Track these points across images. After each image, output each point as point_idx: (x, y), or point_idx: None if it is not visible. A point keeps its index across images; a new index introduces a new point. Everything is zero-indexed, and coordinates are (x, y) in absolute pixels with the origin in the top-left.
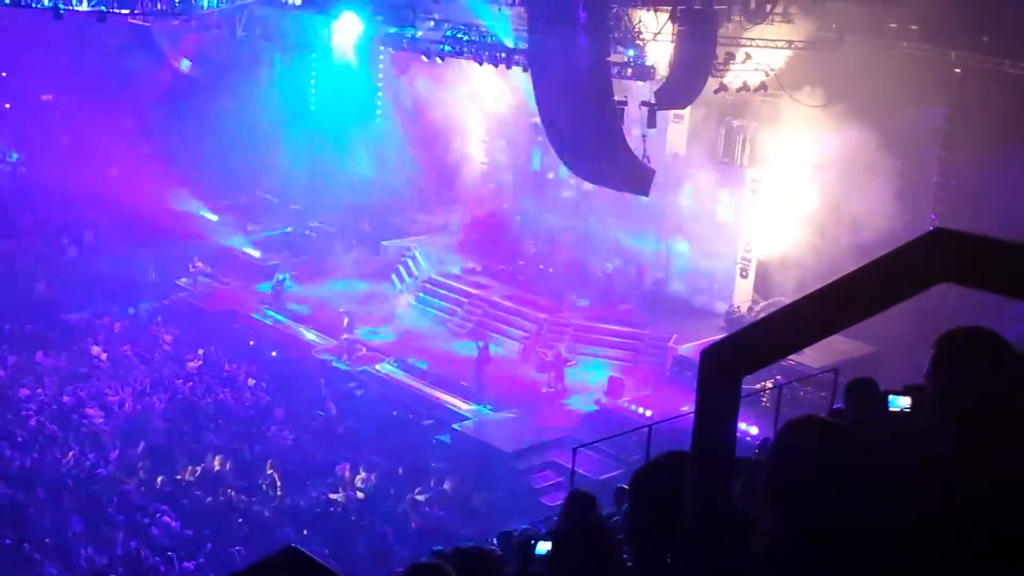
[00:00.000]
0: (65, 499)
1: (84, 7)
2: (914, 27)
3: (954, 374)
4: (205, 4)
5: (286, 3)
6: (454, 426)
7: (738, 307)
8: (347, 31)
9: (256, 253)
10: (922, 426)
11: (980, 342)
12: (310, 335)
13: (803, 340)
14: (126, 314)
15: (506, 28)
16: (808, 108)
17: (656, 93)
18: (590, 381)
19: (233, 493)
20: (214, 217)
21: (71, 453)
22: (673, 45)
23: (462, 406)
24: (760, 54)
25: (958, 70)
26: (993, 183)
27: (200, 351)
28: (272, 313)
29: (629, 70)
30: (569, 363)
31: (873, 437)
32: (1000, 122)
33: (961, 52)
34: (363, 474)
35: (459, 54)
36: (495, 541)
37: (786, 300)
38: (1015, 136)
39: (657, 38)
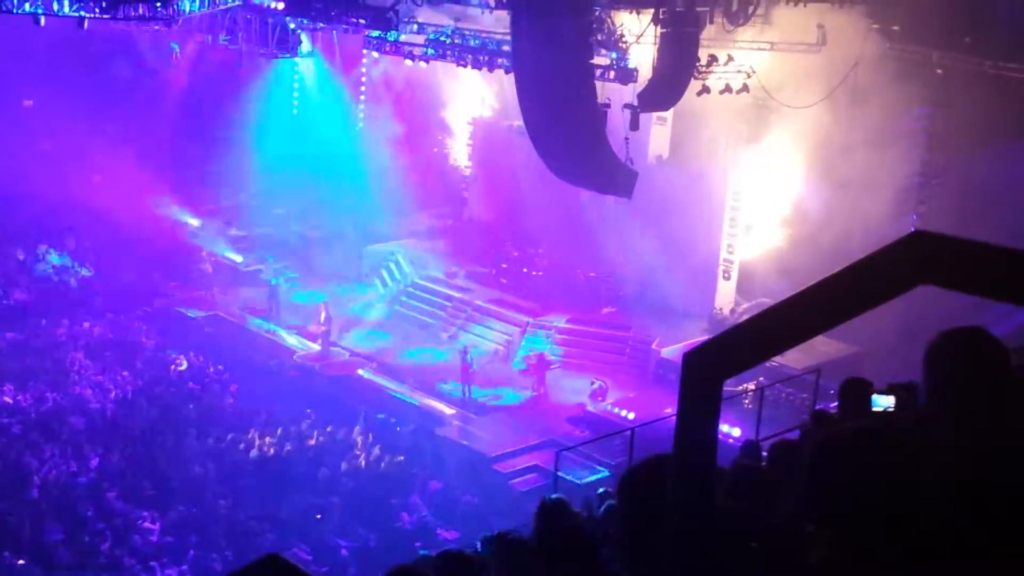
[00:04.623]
0: (45, 507)
1: (65, 11)
2: (896, 28)
3: (950, 373)
4: (187, 9)
5: (269, 7)
6: (437, 430)
7: (720, 309)
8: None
9: (239, 258)
10: (911, 425)
11: (974, 341)
12: (292, 339)
13: (785, 343)
14: (108, 320)
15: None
16: (790, 109)
17: (639, 96)
18: (573, 384)
19: (216, 499)
20: (196, 222)
21: (51, 460)
22: (655, 48)
23: (445, 410)
24: (743, 56)
25: (940, 71)
26: (976, 183)
27: (182, 357)
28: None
29: (612, 73)
30: (552, 366)
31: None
32: (982, 122)
33: (943, 53)
34: (345, 480)
35: (442, 57)
36: (479, 545)
37: (768, 302)
38: (997, 136)
39: (640, 41)
